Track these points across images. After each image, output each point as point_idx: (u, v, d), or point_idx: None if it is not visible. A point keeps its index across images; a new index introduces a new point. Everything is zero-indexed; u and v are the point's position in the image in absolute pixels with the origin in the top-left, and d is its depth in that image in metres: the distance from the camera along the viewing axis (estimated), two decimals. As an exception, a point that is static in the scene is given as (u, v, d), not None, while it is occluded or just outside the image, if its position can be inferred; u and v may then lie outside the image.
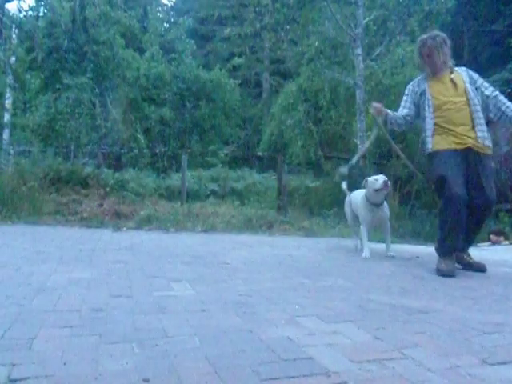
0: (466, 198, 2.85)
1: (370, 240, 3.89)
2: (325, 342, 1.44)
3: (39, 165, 7.55)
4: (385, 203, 3.79)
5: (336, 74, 9.58)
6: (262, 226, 6.28)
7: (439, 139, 3.03)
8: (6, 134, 10.20)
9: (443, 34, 3.17)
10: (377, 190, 3.62)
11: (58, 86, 10.62)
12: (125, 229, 5.74)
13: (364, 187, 3.74)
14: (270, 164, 12.36)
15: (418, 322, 1.70)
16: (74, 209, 6.89)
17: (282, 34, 10.46)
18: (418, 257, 3.85)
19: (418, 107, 3.26)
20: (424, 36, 3.23)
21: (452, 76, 3.11)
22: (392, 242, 5.38)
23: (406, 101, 3.36)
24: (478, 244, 5.78)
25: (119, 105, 11.80)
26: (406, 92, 3.38)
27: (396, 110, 3.44)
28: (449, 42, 3.16)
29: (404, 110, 3.35)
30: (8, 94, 10.42)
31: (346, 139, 10.02)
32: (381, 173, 3.97)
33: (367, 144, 4.23)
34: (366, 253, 3.68)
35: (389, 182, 3.65)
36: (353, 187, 4.35)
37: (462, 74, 3.14)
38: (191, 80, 13.69)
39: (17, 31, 10.66)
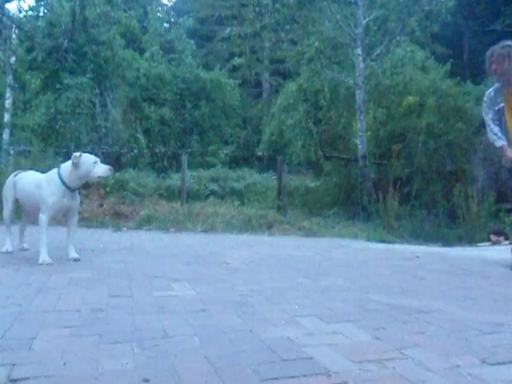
0: None
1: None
2: (325, 341, 1.44)
3: (39, 165, 7.54)
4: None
5: (336, 73, 9.57)
6: (261, 225, 6.28)
7: None
8: (5, 134, 10.20)
9: None
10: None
11: (58, 86, 10.60)
12: (125, 229, 5.74)
13: (75, 163, 2.91)
14: (270, 164, 12.35)
15: (417, 322, 1.70)
16: (73, 209, 6.87)
17: (282, 34, 10.44)
18: (417, 257, 3.85)
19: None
20: (493, 46, 3.28)
21: None
22: (392, 242, 5.40)
23: (492, 120, 3.32)
24: (478, 244, 5.79)
25: (119, 105, 11.78)
26: (487, 106, 3.33)
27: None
28: None
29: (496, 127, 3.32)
30: (8, 94, 10.42)
31: (345, 139, 10.01)
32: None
33: None
34: (43, 256, 2.85)
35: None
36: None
37: None
38: (191, 80, 13.68)
39: (17, 31, 10.66)
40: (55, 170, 3.02)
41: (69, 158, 3.03)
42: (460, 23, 19.81)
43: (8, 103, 10.38)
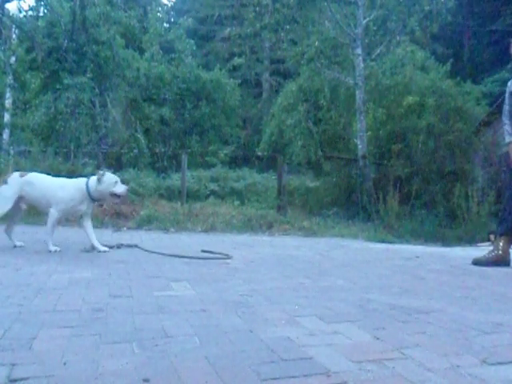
0: None
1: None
2: (325, 342, 1.44)
3: (39, 165, 7.54)
4: None
5: (336, 74, 9.57)
6: (262, 226, 6.28)
7: None
8: (6, 134, 10.21)
9: None
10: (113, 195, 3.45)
11: (58, 86, 10.59)
12: (125, 229, 5.74)
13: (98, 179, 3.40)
14: (270, 164, 12.36)
15: (417, 322, 1.70)
16: (73, 209, 6.87)
17: (282, 34, 10.45)
18: (417, 257, 3.85)
19: None
20: None
21: None
22: (392, 242, 5.41)
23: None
24: (478, 244, 5.79)
25: (119, 105, 11.79)
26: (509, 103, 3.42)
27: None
28: None
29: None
30: (8, 94, 10.43)
31: (345, 139, 10.02)
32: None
33: None
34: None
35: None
36: None
37: None
38: (191, 80, 13.68)
39: (17, 31, 10.67)
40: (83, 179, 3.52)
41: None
42: (460, 23, 19.83)
43: (8, 103, 10.39)
